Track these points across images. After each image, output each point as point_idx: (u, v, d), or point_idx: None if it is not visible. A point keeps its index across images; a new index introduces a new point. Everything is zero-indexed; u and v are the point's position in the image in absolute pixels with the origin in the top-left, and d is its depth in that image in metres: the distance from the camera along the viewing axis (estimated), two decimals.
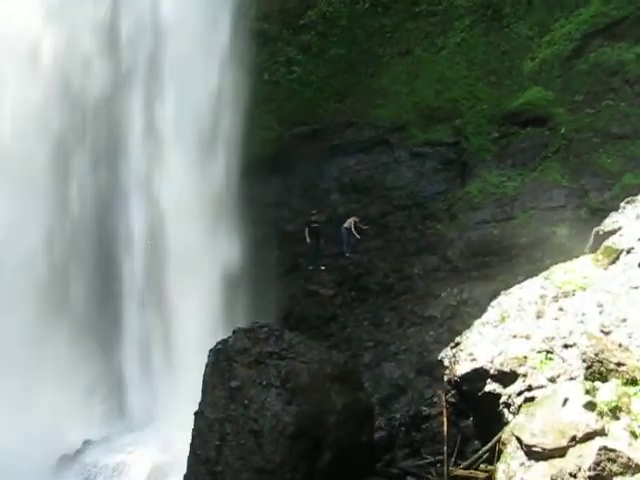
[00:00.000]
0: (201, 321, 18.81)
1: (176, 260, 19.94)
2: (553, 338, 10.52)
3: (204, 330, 17.82)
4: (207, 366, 11.96)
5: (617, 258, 11.43)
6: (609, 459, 7.75)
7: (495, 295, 12.99)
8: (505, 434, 9.80)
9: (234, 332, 12.17)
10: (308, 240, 21.19)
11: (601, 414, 8.33)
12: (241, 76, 21.39)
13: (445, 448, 11.39)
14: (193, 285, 19.62)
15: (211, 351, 12.07)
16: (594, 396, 8.67)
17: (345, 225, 21.51)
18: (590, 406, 8.46)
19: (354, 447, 11.59)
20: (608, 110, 20.32)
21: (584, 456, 7.94)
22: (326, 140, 23.15)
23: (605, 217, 12.90)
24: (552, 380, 9.93)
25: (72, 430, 18.72)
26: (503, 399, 10.49)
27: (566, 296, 11.31)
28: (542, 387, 9.94)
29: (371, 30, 24.93)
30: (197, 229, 20.18)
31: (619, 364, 9.02)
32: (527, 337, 10.88)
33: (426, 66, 23.76)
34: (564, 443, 8.28)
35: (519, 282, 13.07)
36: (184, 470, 12.02)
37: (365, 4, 25.65)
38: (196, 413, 11.89)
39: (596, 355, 9.25)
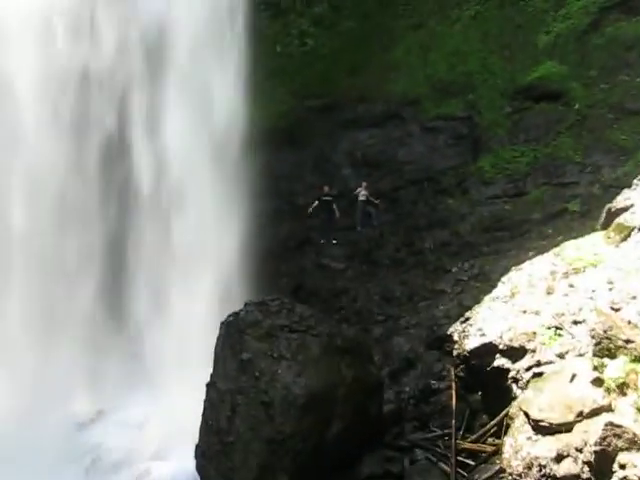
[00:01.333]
0: (212, 292, 18.92)
1: (186, 229, 19.98)
2: (563, 314, 10.58)
3: (214, 302, 17.94)
4: (219, 338, 12.08)
5: (629, 235, 11.45)
6: (615, 435, 7.83)
7: (506, 270, 13.05)
8: (513, 409, 9.92)
9: (245, 305, 12.25)
10: (310, 210, 21.27)
11: (608, 390, 8.41)
12: (254, 47, 21.26)
13: (453, 422, 11.51)
14: (204, 256, 19.70)
15: (222, 323, 12.18)
16: (602, 372, 8.74)
17: (361, 198, 21.55)
18: (597, 382, 8.54)
19: (363, 419, 11.72)
20: (623, 85, 20.13)
21: (590, 431, 8.03)
22: (338, 114, 23.10)
23: (618, 194, 12.88)
24: (561, 356, 10.01)
25: (85, 398, 18.95)
26: (512, 374, 10.59)
27: (576, 272, 11.35)
28: (551, 363, 10.03)
29: (384, 2, 24.75)
30: (209, 199, 20.21)
31: (628, 341, 9.07)
32: (537, 313, 10.96)
33: (440, 39, 23.58)
34: (571, 418, 8.38)
35: (530, 258, 13.13)
36: (196, 440, 12.22)
37: None
38: (208, 384, 12.04)
39: (605, 332, 9.30)
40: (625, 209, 12.03)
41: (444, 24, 23.75)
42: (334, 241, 21.14)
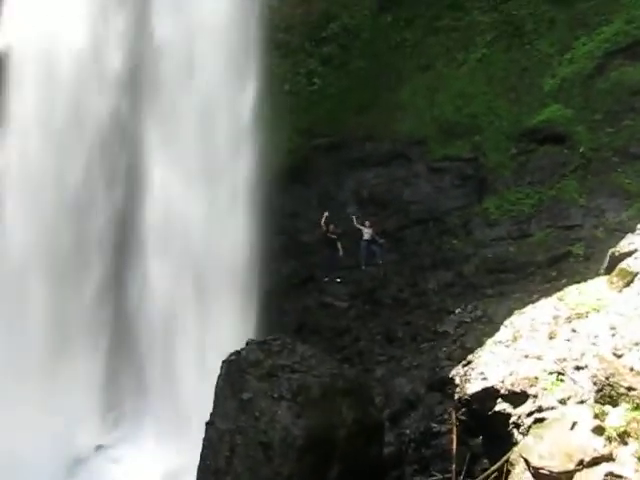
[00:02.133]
0: (217, 330, 18.88)
1: (195, 261, 20.01)
2: (565, 359, 10.50)
3: (220, 339, 17.89)
4: (219, 377, 12.06)
5: (632, 281, 11.39)
6: None
7: (509, 313, 12.98)
8: (513, 455, 9.80)
9: (247, 344, 12.26)
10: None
11: (609, 439, 8.32)
12: (263, 87, 21.50)
13: (454, 466, 11.38)
14: (209, 296, 19.70)
15: (224, 362, 12.17)
16: (603, 420, 8.66)
17: (365, 237, 21.61)
18: (598, 430, 8.45)
19: (363, 462, 11.62)
20: (628, 130, 20.27)
21: None
22: (345, 153, 23.28)
23: (621, 238, 12.87)
24: (562, 402, 9.91)
25: (85, 433, 18.84)
26: (513, 419, 10.48)
27: (579, 317, 11.28)
28: (552, 409, 9.92)
29: (393, 44, 25.09)
30: (214, 235, 20.27)
31: (630, 388, 9.00)
32: (539, 357, 10.87)
33: (446, 81, 23.83)
34: (571, 467, 8.28)
35: (533, 301, 13.07)
36: (194, 479, 12.13)
37: (388, 17, 25.82)
38: (207, 423, 11.99)
39: (607, 378, 9.24)
40: (629, 254, 11.99)
41: (451, 66, 24.02)
42: (338, 279, 21.15)
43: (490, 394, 10.89)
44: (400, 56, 24.94)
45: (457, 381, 11.91)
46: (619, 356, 9.84)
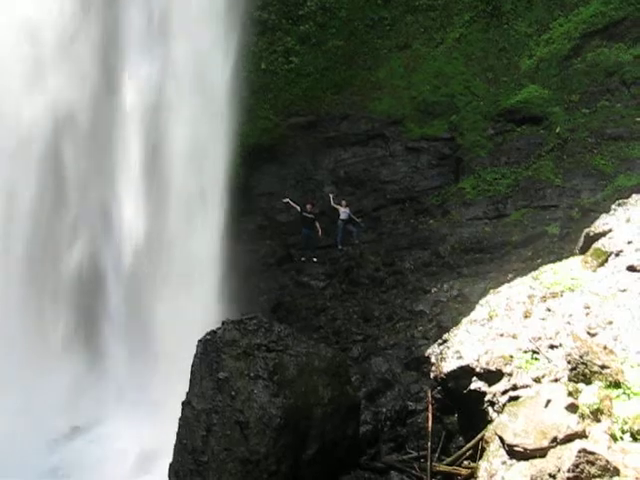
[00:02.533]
0: (191, 308, 18.79)
1: (169, 249, 19.89)
2: (539, 338, 10.59)
3: (194, 319, 17.82)
4: (195, 356, 11.98)
5: (606, 260, 11.51)
6: (588, 461, 7.82)
7: (484, 293, 13.08)
8: (488, 432, 9.89)
9: (223, 323, 12.17)
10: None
11: (582, 416, 8.41)
12: (239, 65, 21.28)
13: (429, 444, 11.46)
14: (185, 272, 19.58)
15: (200, 342, 12.09)
16: (577, 398, 8.75)
17: (342, 217, 21.55)
18: (572, 408, 8.54)
19: (339, 440, 11.65)
20: (604, 111, 20.40)
21: (564, 458, 8.02)
22: (322, 132, 23.20)
23: (596, 218, 12.97)
24: (537, 380, 10.01)
25: (60, 415, 18.72)
26: (488, 397, 10.57)
27: (554, 297, 11.38)
28: (527, 387, 10.02)
29: (370, 23, 24.93)
30: (189, 216, 20.12)
31: (603, 367, 9.10)
32: (514, 336, 10.96)
33: (424, 61, 23.79)
34: (545, 444, 8.36)
35: (509, 280, 13.16)
36: (170, 458, 12.09)
37: None
38: (183, 403, 11.92)
39: (581, 357, 9.32)
40: (603, 234, 12.10)
41: (429, 45, 23.99)
42: (315, 259, 21.12)
43: (465, 372, 10.97)
44: (378, 35, 24.82)
45: (433, 360, 11.98)
46: (593, 335, 9.96)
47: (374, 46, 24.50)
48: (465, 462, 10.75)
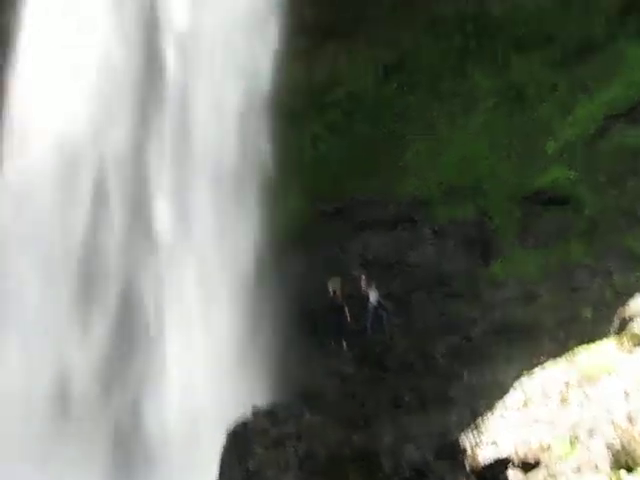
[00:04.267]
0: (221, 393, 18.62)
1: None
2: (578, 426, 10.30)
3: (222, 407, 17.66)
4: (224, 447, 11.82)
5: None
6: None
7: (518, 376, 12.81)
8: None
9: (253, 413, 12.05)
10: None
11: None
12: (268, 151, 21.80)
13: None
14: (215, 356, 19.59)
15: (229, 433, 11.94)
16: None
17: (372, 300, 21.43)
18: None
19: None
20: (633, 191, 20.30)
21: None
22: (349, 217, 23.30)
23: (630, 299, 12.79)
24: (577, 470, 9.67)
25: None
26: None
27: (590, 381, 11.12)
28: (566, 477, 9.68)
29: (396, 109, 25.37)
30: (218, 303, 20.28)
31: None
32: (551, 423, 10.68)
33: (449, 145, 24.03)
34: None
35: (542, 363, 12.91)
36: None
37: (392, 84, 26.18)
38: None
39: (622, 445, 9.02)
40: (638, 315, 11.92)
41: (453, 130, 24.24)
42: (344, 344, 20.91)
43: (502, 462, 10.66)
44: (403, 121, 25.21)
45: (467, 448, 11.68)
46: (634, 422, 9.64)
47: (400, 132, 24.85)
48: None
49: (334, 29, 25.86)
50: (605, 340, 12.38)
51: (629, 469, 8.84)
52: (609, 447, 9.21)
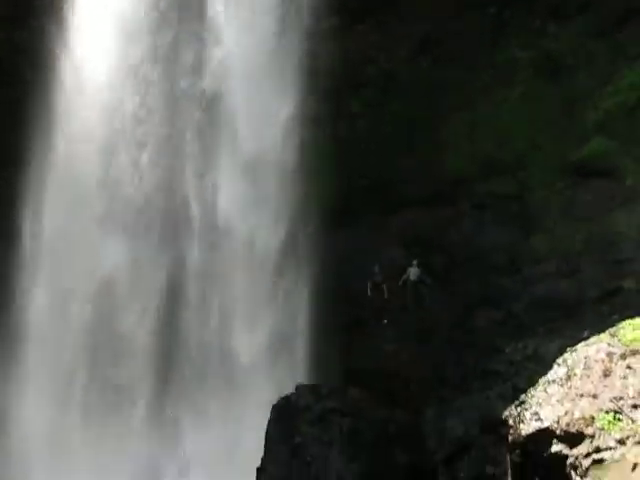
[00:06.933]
0: (264, 374, 18.88)
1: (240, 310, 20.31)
2: (621, 398, 10.29)
3: (266, 381, 17.92)
4: (269, 422, 12.04)
5: None
6: None
7: (561, 351, 12.76)
8: None
9: (297, 388, 12.24)
10: (369, 293, 21.26)
11: None
12: (306, 132, 21.86)
13: None
14: (257, 339, 19.82)
15: (274, 407, 12.15)
16: None
17: (412, 278, 21.48)
18: None
19: None
20: None
21: None
22: (388, 194, 23.27)
23: None
24: (621, 442, 9.68)
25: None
26: (570, 460, 10.25)
27: (634, 354, 11.06)
28: (611, 449, 9.70)
29: (431, 84, 25.15)
30: (262, 282, 20.48)
31: None
32: (594, 396, 10.67)
33: (487, 118, 23.77)
34: None
35: (586, 338, 12.84)
36: None
37: (427, 58, 25.94)
38: (258, 469, 11.94)
39: None
40: None
41: (491, 104, 23.97)
42: (385, 321, 21.01)
43: (545, 435, 10.68)
44: (439, 96, 24.97)
45: (511, 422, 11.71)
46: None
47: (436, 107, 24.62)
48: None
49: (366, 7, 25.65)
50: None
51: None
52: None
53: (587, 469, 9.70)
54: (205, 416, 18.83)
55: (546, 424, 10.72)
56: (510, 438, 11.56)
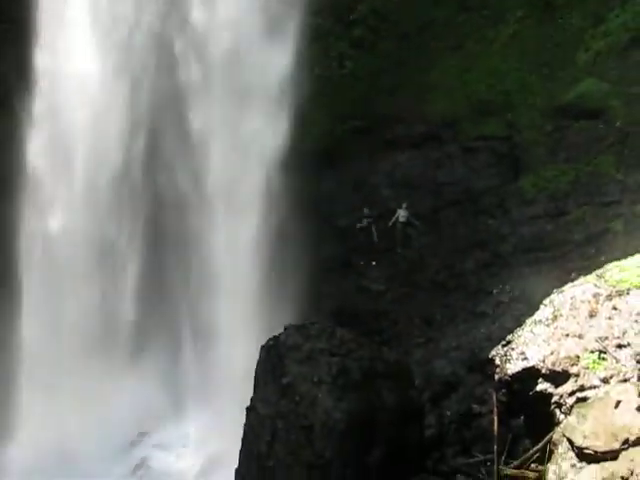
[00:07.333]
0: (249, 315, 19.03)
1: (220, 253, 20.32)
2: (606, 338, 10.43)
3: (253, 323, 18.07)
4: (259, 362, 12.14)
5: None
6: None
7: (548, 292, 12.88)
8: (556, 434, 9.77)
9: (285, 328, 12.31)
10: (358, 234, 21.37)
11: None
12: (295, 71, 21.53)
13: (495, 447, 11.36)
14: (243, 279, 19.87)
15: (263, 347, 12.25)
16: None
17: (401, 219, 21.52)
18: None
19: (404, 444, 11.65)
20: None
21: (637, 460, 7.88)
22: (378, 135, 23.09)
23: None
24: (605, 381, 9.85)
25: (129, 421, 19.15)
26: (554, 399, 10.44)
27: (620, 295, 11.17)
28: (594, 387, 9.87)
29: (422, 24, 24.78)
30: (247, 223, 20.42)
31: None
32: (580, 336, 10.81)
33: (478, 59, 23.50)
34: (616, 446, 8.23)
35: (572, 279, 12.95)
36: (236, 463, 12.26)
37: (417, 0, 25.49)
38: (248, 409, 12.09)
39: None
40: None
41: (482, 44, 23.67)
42: (373, 262, 21.10)
43: (531, 374, 10.85)
44: (430, 36, 24.64)
45: (497, 361, 11.87)
46: None
47: (427, 47, 24.33)
48: (532, 465, 10.64)
49: None
50: (636, 255, 12.36)
51: None
52: (637, 358, 9.35)
53: (571, 407, 9.88)
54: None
55: (532, 363, 10.88)
56: (496, 377, 11.73)
